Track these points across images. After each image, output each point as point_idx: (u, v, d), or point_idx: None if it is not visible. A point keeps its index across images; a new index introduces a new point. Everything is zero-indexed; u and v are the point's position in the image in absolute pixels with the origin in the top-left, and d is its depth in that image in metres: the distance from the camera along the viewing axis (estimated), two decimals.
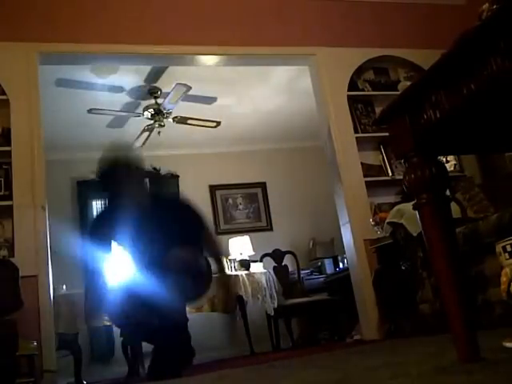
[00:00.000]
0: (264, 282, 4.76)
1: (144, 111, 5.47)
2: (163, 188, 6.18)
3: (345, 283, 4.57)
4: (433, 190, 1.59)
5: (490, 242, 2.36)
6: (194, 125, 5.64)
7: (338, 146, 4.21)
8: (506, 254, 1.71)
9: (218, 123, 5.73)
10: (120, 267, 3.01)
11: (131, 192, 2.89)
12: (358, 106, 4.49)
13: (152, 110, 5.41)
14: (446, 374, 1.47)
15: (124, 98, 5.49)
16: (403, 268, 3.59)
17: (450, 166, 4.40)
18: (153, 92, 5.37)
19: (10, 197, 3.50)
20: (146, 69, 4.99)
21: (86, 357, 4.73)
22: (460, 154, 4.02)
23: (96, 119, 5.50)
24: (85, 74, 4.86)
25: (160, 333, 2.71)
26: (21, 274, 3.04)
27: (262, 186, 7.09)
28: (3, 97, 3.65)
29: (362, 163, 4.26)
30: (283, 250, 5.59)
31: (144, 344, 4.32)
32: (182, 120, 5.56)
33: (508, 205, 2.81)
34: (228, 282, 3.50)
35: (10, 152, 3.57)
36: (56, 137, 5.50)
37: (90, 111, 5.20)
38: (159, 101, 5.39)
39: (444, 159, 4.22)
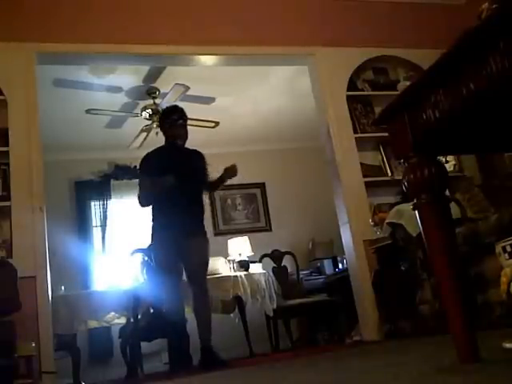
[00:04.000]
0: (263, 282, 4.74)
1: (142, 111, 5.45)
2: None
3: (344, 284, 4.56)
4: (432, 190, 1.58)
5: (489, 243, 2.36)
6: (192, 125, 5.59)
7: (338, 146, 4.21)
8: (506, 255, 1.71)
9: (217, 123, 5.72)
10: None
11: (180, 129, 3.90)
12: (358, 106, 4.48)
13: (150, 110, 5.39)
14: (445, 374, 1.46)
15: (122, 99, 5.48)
16: (403, 268, 3.58)
17: (449, 166, 4.39)
18: (151, 92, 5.36)
19: (8, 197, 3.49)
20: (145, 69, 4.98)
21: (84, 358, 4.71)
22: (460, 153, 4.01)
23: (94, 119, 5.48)
24: (83, 74, 4.85)
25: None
26: (19, 275, 3.03)
27: (261, 186, 7.08)
28: (1, 97, 3.64)
29: (361, 163, 4.25)
30: (282, 250, 5.56)
31: (143, 344, 4.32)
32: None
33: (508, 205, 2.80)
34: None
35: (7, 152, 3.56)
36: (54, 137, 5.47)
37: (88, 111, 5.18)
38: (157, 101, 5.38)
39: (444, 159, 4.20)
